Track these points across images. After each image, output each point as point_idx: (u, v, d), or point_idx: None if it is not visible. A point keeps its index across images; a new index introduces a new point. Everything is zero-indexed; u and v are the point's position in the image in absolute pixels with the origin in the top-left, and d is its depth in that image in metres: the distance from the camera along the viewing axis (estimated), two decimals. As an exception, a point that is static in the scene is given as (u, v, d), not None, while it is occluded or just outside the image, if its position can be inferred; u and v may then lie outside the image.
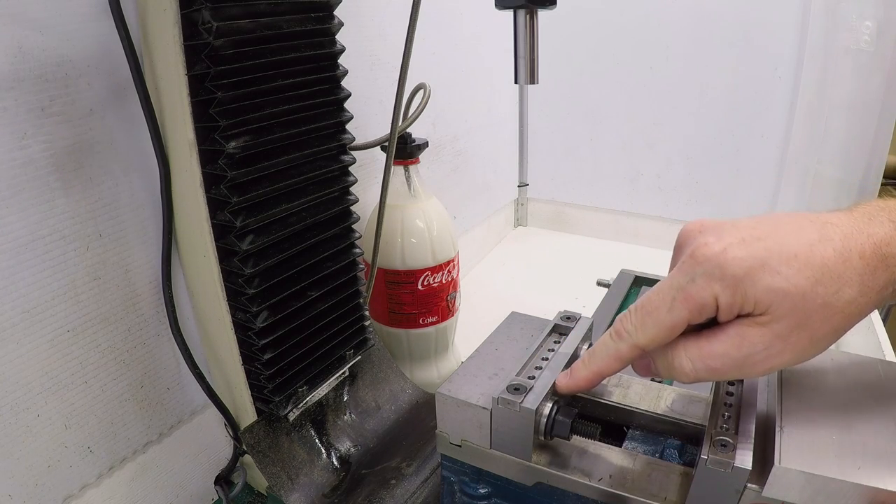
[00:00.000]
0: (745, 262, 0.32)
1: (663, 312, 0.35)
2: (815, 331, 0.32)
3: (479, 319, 0.75)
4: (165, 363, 0.61)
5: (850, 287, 0.32)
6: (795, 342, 0.32)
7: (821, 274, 0.32)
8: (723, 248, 0.33)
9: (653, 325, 0.35)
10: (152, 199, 0.55)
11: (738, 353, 0.33)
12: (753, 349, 0.33)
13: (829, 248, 0.32)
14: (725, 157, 1.18)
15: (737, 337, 0.33)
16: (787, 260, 0.32)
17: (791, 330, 0.32)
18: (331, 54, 0.56)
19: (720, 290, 0.33)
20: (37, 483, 0.52)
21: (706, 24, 1.11)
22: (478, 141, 1.17)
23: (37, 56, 0.46)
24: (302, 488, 0.59)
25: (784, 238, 0.33)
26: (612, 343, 0.38)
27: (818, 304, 0.32)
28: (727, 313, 0.34)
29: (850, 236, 0.32)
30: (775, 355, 0.33)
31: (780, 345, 0.33)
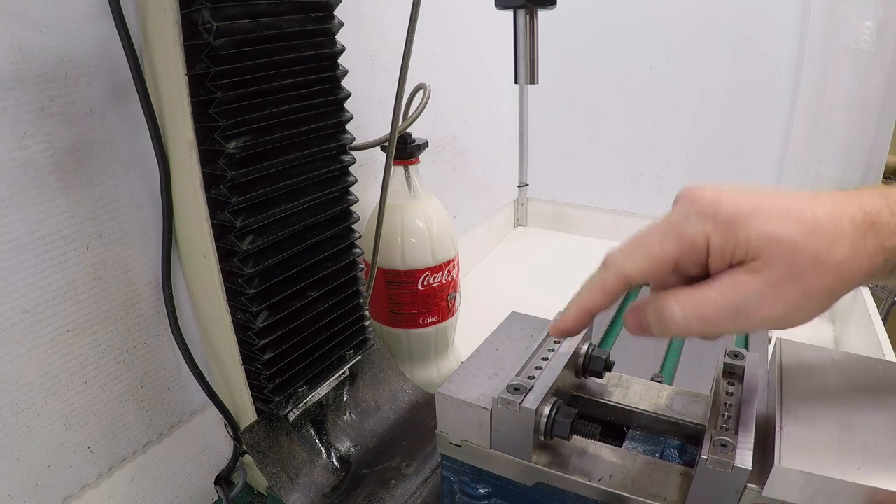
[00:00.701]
0: (740, 206, 0.33)
1: (653, 244, 0.35)
2: (808, 285, 0.32)
3: (479, 319, 0.75)
4: (165, 363, 0.61)
5: (842, 246, 0.32)
6: (788, 293, 0.32)
7: (813, 228, 0.32)
8: (719, 193, 0.34)
9: (642, 256, 0.35)
10: (152, 199, 0.55)
11: (730, 301, 0.33)
12: (746, 296, 0.33)
13: (821, 210, 0.33)
14: (725, 157, 1.18)
15: (729, 284, 0.33)
16: (779, 211, 0.33)
17: (783, 279, 0.32)
18: (331, 54, 0.56)
19: (712, 229, 0.33)
20: (37, 483, 0.52)
21: (706, 24, 1.11)
22: (478, 141, 1.17)
23: (37, 56, 0.46)
24: (302, 488, 0.59)
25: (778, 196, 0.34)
26: (599, 274, 0.37)
27: (810, 258, 0.32)
28: (718, 257, 0.34)
29: (841, 203, 0.33)
30: (768, 304, 0.32)
31: (772, 293, 0.32)
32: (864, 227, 0.32)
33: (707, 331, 0.34)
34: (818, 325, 0.98)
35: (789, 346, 0.43)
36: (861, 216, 0.32)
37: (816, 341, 0.85)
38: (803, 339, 0.42)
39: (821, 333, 0.96)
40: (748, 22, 1.07)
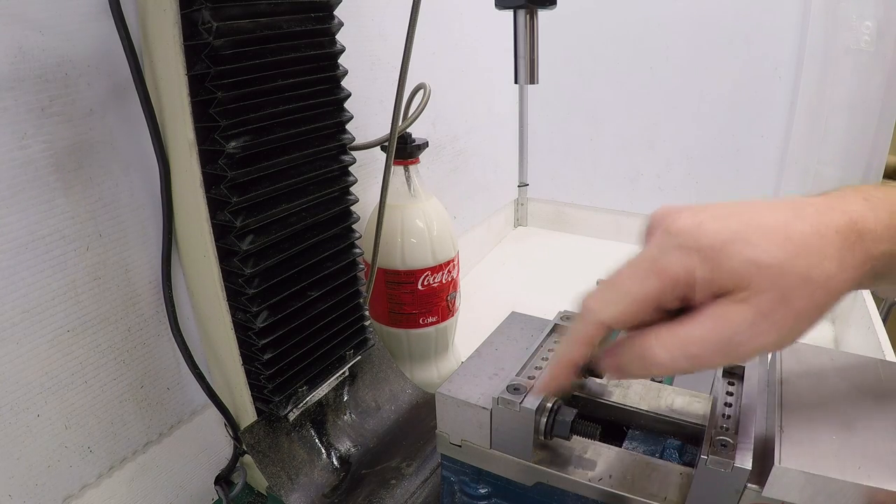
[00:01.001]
0: (722, 235, 0.31)
1: (632, 285, 0.33)
2: (799, 307, 0.30)
3: (479, 319, 0.75)
4: (165, 363, 0.61)
5: (830, 261, 0.30)
6: (780, 319, 0.30)
7: (799, 247, 0.30)
8: (698, 221, 0.32)
9: (621, 300, 0.33)
10: (152, 199, 0.55)
11: (719, 336, 0.31)
12: (737, 329, 0.31)
13: (805, 224, 0.31)
14: (725, 157, 1.18)
15: (717, 318, 0.31)
16: (763, 233, 0.31)
17: (774, 305, 0.30)
18: (331, 54, 0.56)
19: (697, 262, 0.31)
20: (37, 483, 0.52)
21: (706, 24, 1.11)
22: (478, 141, 1.17)
23: (37, 56, 0.46)
24: (302, 488, 0.59)
25: (758, 214, 0.32)
26: (577, 325, 0.35)
27: (799, 278, 0.30)
28: (704, 291, 0.31)
29: (825, 213, 0.32)
30: (760, 334, 0.31)
31: (764, 322, 0.30)
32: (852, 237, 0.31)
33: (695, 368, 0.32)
34: (818, 325, 0.98)
35: (789, 347, 0.43)
36: (846, 224, 0.31)
37: (816, 341, 0.85)
38: (803, 339, 0.42)
39: (821, 333, 0.96)
40: (748, 22, 1.07)
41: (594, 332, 0.35)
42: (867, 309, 0.84)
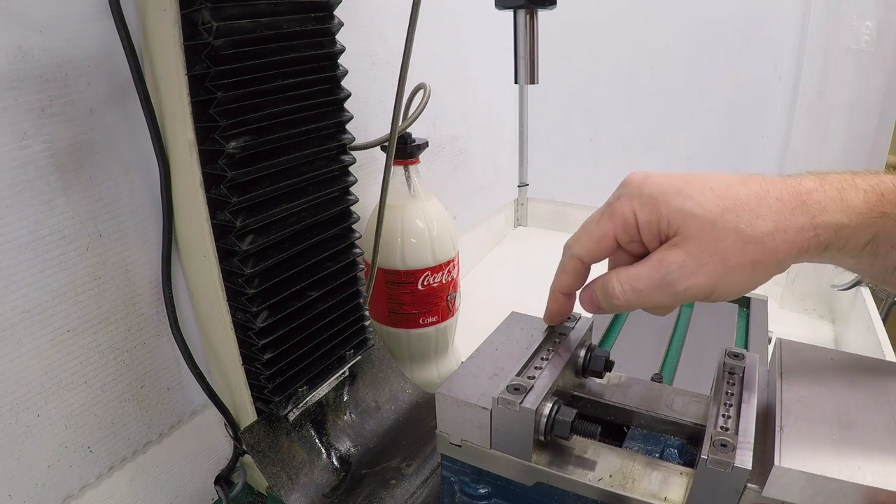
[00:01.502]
0: (662, 187, 0.37)
1: (592, 225, 0.40)
2: (729, 256, 0.35)
3: (479, 319, 0.75)
4: (165, 363, 0.61)
5: (764, 220, 0.34)
6: (709, 265, 0.35)
7: (732, 204, 0.35)
8: (645, 175, 0.39)
9: (584, 237, 0.41)
10: (152, 199, 0.55)
11: (657, 273, 0.36)
12: (669, 269, 0.36)
13: (745, 188, 0.36)
14: (725, 157, 1.18)
15: (656, 259, 0.37)
16: (700, 189, 0.36)
17: (702, 251, 0.35)
18: (331, 54, 0.56)
19: (637, 206, 0.38)
20: (37, 483, 0.52)
21: (706, 24, 1.11)
22: (478, 141, 1.17)
23: (37, 56, 0.46)
24: (302, 488, 0.59)
25: (705, 177, 0.37)
26: (562, 260, 0.43)
27: (728, 230, 0.34)
28: (647, 232, 0.38)
29: (770, 183, 0.36)
30: (689, 275, 0.35)
31: (692, 264, 0.35)
32: (793, 204, 0.35)
33: (643, 302, 0.38)
34: (818, 325, 0.98)
35: (789, 346, 0.43)
36: (789, 194, 0.35)
37: (816, 341, 0.85)
38: (803, 339, 0.42)
39: (821, 333, 0.96)
40: (748, 22, 1.07)
41: (570, 263, 0.42)
42: (867, 309, 0.84)
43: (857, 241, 0.35)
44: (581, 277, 0.43)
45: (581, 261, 0.41)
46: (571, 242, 0.42)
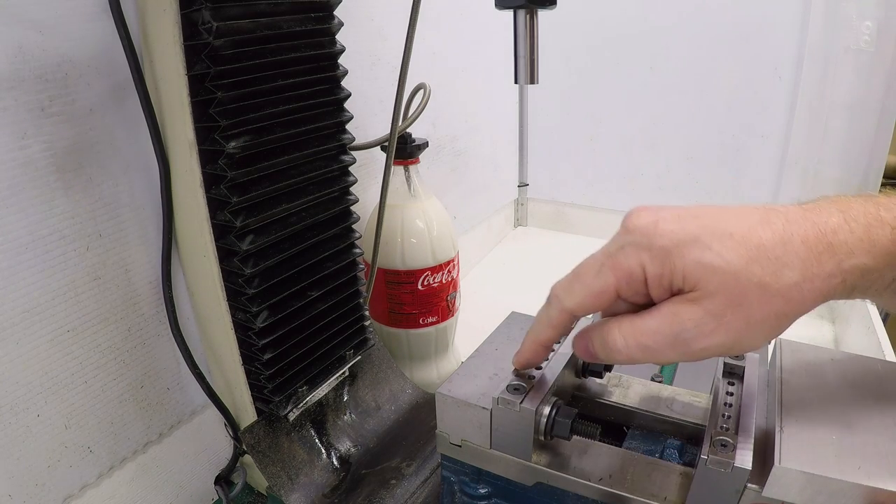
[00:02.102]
0: (676, 235, 0.32)
1: (591, 277, 0.35)
2: (752, 312, 0.31)
3: (479, 319, 0.75)
4: (165, 363, 0.61)
5: (791, 270, 0.31)
6: (729, 322, 0.31)
7: (756, 253, 0.31)
8: (654, 220, 0.33)
9: (580, 290, 0.36)
10: (152, 199, 0.55)
11: (669, 330, 0.32)
12: (685, 326, 0.32)
13: (769, 231, 0.31)
14: (725, 157, 1.18)
15: (669, 314, 0.33)
16: (720, 237, 0.32)
17: (724, 308, 0.31)
18: (331, 54, 0.56)
19: (647, 259, 0.33)
20: (37, 483, 0.52)
21: (706, 23, 1.11)
22: (478, 141, 1.17)
23: (37, 56, 0.46)
24: (302, 488, 0.59)
25: (722, 218, 0.33)
26: (545, 310, 0.38)
27: (753, 284, 0.31)
28: (656, 286, 0.33)
29: (794, 222, 0.32)
30: (707, 334, 0.32)
31: (712, 323, 0.31)
32: (819, 248, 0.31)
33: (650, 359, 0.34)
34: (818, 325, 0.98)
35: (789, 346, 0.43)
36: (815, 236, 0.31)
37: (816, 341, 0.85)
38: (803, 339, 0.42)
39: (821, 333, 0.96)
40: (748, 22, 1.07)
41: (559, 317, 0.37)
42: (867, 309, 0.84)
43: (882, 282, 0.32)
44: (567, 331, 0.39)
45: (571, 315, 0.37)
46: (562, 293, 0.37)
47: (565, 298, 0.37)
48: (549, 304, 0.38)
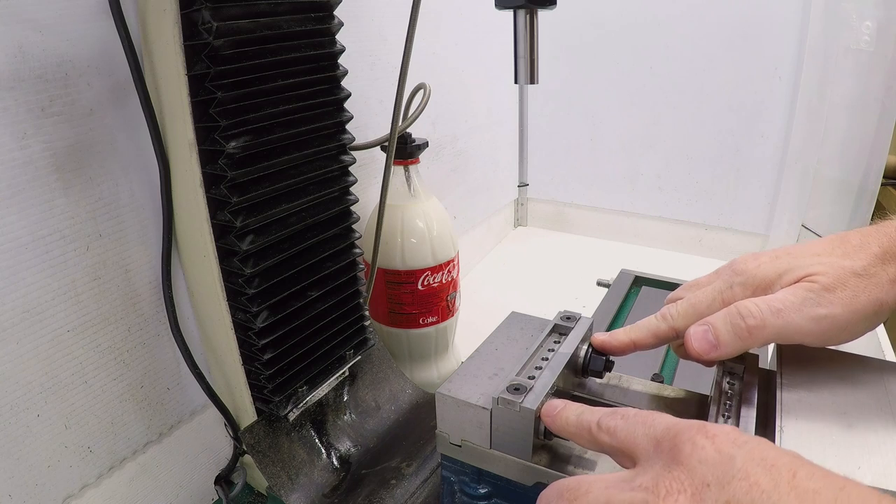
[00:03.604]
0: (776, 270, 0.39)
1: (704, 307, 0.41)
2: (857, 294, 0.36)
3: (479, 319, 0.75)
4: (165, 363, 0.61)
5: (875, 266, 0.36)
6: (841, 297, 0.36)
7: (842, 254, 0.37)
8: (757, 264, 0.40)
9: (693, 316, 0.41)
10: (152, 199, 0.55)
11: (794, 297, 0.37)
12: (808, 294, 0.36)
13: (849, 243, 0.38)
14: (725, 157, 1.18)
15: (792, 288, 0.37)
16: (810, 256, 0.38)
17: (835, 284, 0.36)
18: (331, 54, 0.56)
19: (751, 294, 0.39)
20: (37, 483, 0.52)
21: (706, 23, 1.11)
22: (478, 141, 1.17)
23: (37, 56, 0.46)
24: (302, 488, 0.59)
25: (809, 247, 0.39)
26: (655, 322, 0.43)
27: (849, 273, 0.36)
28: None
29: (868, 234, 0.38)
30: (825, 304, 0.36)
31: (828, 295, 0.36)
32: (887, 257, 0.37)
33: (780, 322, 0.37)
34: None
35: (789, 346, 0.43)
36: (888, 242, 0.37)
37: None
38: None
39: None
40: (748, 22, 1.07)
41: (667, 333, 0.43)
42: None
43: None
44: (660, 344, 0.44)
45: (676, 334, 0.42)
46: (676, 315, 0.42)
47: (678, 320, 0.42)
48: (663, 319, 0.43)
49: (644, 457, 0.31)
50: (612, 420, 0.34)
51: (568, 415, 0.38)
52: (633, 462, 0.32)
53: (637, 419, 0.33)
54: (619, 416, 0.34)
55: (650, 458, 0.30)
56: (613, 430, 0.33)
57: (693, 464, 0.27)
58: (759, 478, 0.26)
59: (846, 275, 0.36)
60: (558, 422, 0.38)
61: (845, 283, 0.36)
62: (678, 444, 0.29)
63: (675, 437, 0.29)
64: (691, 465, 0.28)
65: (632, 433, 0.32)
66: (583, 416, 0.36)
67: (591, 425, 0.35)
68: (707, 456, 0.27)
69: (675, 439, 0.29)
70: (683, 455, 0.28)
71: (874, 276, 0.36)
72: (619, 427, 0.33)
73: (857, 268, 0.36)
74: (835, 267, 0.37)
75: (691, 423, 0.30)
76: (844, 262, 0.37)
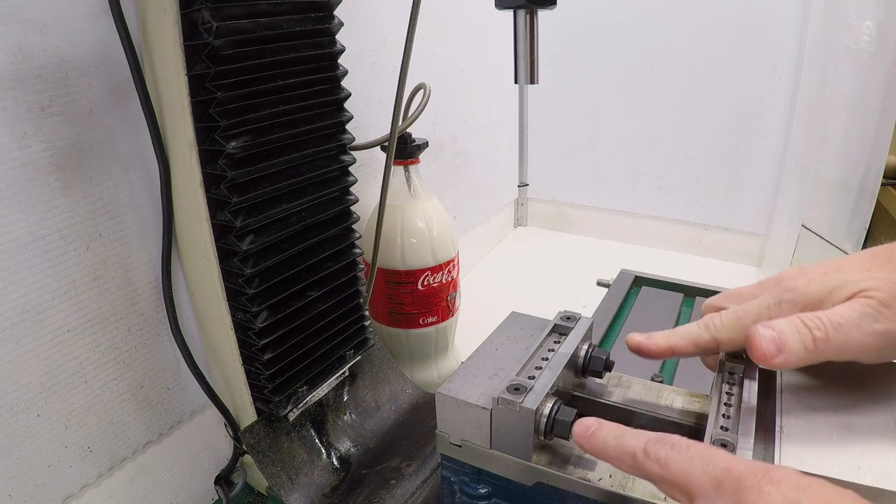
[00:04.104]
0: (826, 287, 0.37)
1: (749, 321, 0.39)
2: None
3: (479, 319, 0.75)
4: (165, 363, 0.61)
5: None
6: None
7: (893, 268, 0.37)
8: (806, 281, 0.39)
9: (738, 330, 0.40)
10: (152, 199, 0.55)
11: (853, 312, 0.35)
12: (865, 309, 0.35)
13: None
14: (725, 157, 1.19)
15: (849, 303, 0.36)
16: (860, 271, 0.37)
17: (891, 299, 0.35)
18: (331, 54, 0.56)
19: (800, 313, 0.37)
20: (37, 483, 0.52)
21: (706, 24, 1.11)
22: (478, 141, 1.17)
23: (37, 56, 0.46)
24: (302, 488, 0.59)
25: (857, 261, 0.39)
26: (697, 330, 0.42)
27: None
28: None
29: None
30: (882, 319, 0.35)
31: (885, 311, 0.35)
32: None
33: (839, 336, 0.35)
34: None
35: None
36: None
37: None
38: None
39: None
40: (748, 22, 1.07)
41: (708, 344, 0.41)
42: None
43: None
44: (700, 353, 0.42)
45: (718, 346, 0.41)
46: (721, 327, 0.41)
47: (722, 331, 0.40)
48: (706, 328, 0.41)
49: (703, 497, 0.30)
50: (662, 449, 0.32)
51: (606, 437, 0.36)
52: (686, 497, 0.32)
53: (692, 453, 0.32)
54: (669, 445, 0.33)
55: (711, 498, 0.30)
56: (665, 462, 0.32)
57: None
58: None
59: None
60: (595, 444, 0.36)
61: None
62: (743, 489, 0.29)
63: (739, 481, 0.29)
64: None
65: (687, 469, 0.31)
66: (624, 441, 0.35)
67: (637, 452, 0.34)
68: (773, 501, 0.28)
69: (738, 483, 0.29)
70: (750, 501, 0.28)
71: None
72: (671, 459, 0.32)
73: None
74: (888, 282, 0.36)
75: (754, 465, 0.30)
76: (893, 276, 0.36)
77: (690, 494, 0.31)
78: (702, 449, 0.32)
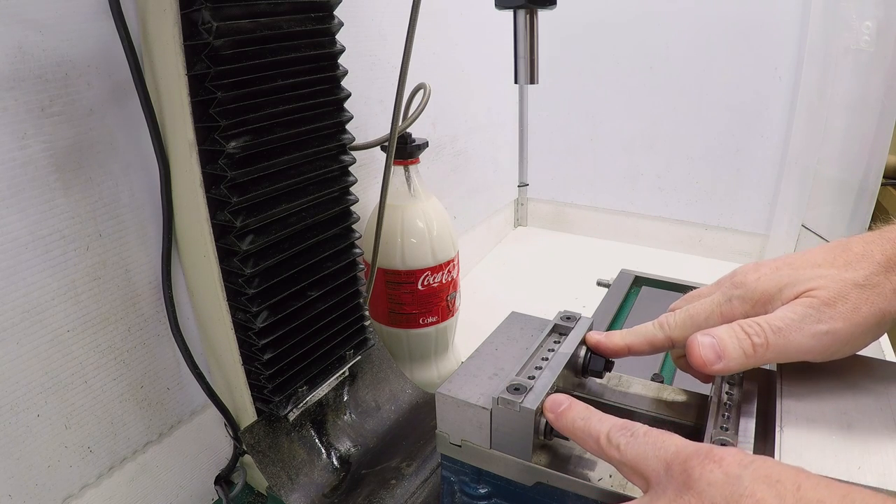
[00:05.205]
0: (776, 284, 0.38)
1: (701, 320, 0.40)
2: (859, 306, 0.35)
3: (479, 319, 0.75)
4: (165, 363, 0.61)
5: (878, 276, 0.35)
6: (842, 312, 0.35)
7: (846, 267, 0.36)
8: (757, 277, 0.39)
9: (691, 326, 0.41)
10: (152, 199, 0.55)
11: (793, 314, 0.36)
12: (808, 311, 0.36)
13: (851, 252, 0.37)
14: (725, 157, 1.18)
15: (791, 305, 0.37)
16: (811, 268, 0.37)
17: (835, 299, 0.35)
18: (331, 54, 0.56)
19: (750, 309, 0.38)
20: (37, 483, 0.52)
21: (706, 23, 1.11)
22: (478, 141, 1.17)
23: (37, 56, 0.46)
24: (302, 488, 0.59)
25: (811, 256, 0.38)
26: (652, 329, 0.43)
27: (851, 285, 0.35)
28: None
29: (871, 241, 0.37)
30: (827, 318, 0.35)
31: (829, 310, 0.35)
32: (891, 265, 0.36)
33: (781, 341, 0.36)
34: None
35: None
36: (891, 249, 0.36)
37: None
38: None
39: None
40: (748, 22, 1.07)
41: (663, 342, 0.42)
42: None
43: None
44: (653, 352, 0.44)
45: (672, 344, 0.42)
46: (674, 327, 0.42)
47: (675, 329, 0.41)
48: (660, 328, 0.42)
49: (655, 479, 0.32)
50: (623, 436, 0.34)
51: (574, 417, 0.37)
52: (642, 481, 0.33)
53: (647, 439, 0.33)
54: (630, 432, 0.34)
55: (661, 481, 0.31)
56: (623, 449, 0.34)
57: (703, 487, 0.29)
58: (765, 494, 0.27)
59: (847, 287, 0.35)
60: (563, 421, 0.38)
61: (846, 296, 0.35)
62: (688, 468, 0.30)
63: (685, 461, 0.30)
64: (701, 488, 0.29)
65: (642, 453, 0.33)
66: (590, 423, 0.36)
67: (601, 437, 0.35)
68: (715, 479, 0.28)
69: (685, 464, 0.30)
70: (693, 479, 0.29)
71: (877, 287, 0.35)
72: (629, 444, 0.33)
73: (859, 278, 0.35)
74: (835, 280, 0.36)
75: (700, 447, 0.31)
76: (846, 274, 0.36)
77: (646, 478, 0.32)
78: (656, 435, 0.33)
